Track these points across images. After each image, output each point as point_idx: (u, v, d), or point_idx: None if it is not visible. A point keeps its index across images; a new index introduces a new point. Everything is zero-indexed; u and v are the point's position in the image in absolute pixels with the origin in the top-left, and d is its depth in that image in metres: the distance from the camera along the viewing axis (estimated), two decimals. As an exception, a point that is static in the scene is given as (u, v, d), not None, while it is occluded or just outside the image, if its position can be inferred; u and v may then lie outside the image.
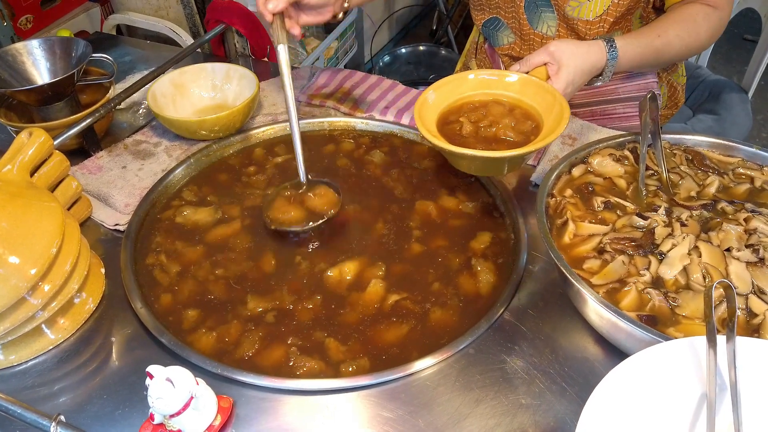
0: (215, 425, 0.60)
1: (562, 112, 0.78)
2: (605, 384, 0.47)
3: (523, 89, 0.85)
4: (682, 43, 0.89)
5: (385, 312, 0.75)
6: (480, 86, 0.87)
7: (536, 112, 0.83)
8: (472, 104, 0.86)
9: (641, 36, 0.89)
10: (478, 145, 0.80)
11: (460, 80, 0.87)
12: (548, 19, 1.03)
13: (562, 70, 0.84)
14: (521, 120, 0.82)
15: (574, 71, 0.84)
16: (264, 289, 0.78)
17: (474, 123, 0.84)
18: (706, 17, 0.90)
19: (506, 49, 1.13)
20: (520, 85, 0.85)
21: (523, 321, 0.72)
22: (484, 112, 0.85)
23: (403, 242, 0.84)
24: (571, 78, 0.84)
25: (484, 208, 0.90)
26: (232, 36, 1.27)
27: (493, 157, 0.75)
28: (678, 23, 0.90)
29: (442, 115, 0.85)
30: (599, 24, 0.99)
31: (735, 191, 0.74)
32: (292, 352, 0.69)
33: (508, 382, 0.66)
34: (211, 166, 0.98)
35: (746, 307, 0.59)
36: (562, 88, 0.83)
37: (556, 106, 0.80)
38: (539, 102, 0.83)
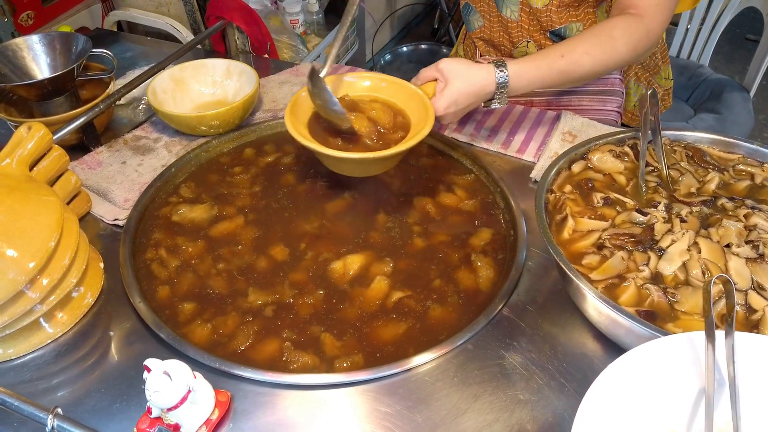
0: (212, 419, 0.60)
1: (423, 128, 0.81)
2: (603, 378, 0.47)
3: (407, 100, 0.88)
4: (594, 60, 0.85)
5: (387, 309, 0.75)
6: (368, 89, 0.91)
7: (409, 123, 0.87)
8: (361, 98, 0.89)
9: (542, 57, 0.86)
10: (338, 145, 0.83)
11: (344, 80, 0.90)
12: (511, 3, 1.03)
13: (446, 89, 0.85)
14: (395, 127, 0.86)
15: (458, 92, 0.85)
16: (266, 282, 0.78)
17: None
18: (626, 29, 0.85)
19: (478, 33, 1.14)
20: (405, 95, 0.89)
21: (521, 317, 0.72)
22: (362, 108, 0.87)
23: (406, 237, 0.84)
24: (455, 98, 0.85)
25: (484, 204, 0.90)
26: (232, 32, 1.27)
27: (352, 159, 0.78)
28: (590, 39, 0.86)
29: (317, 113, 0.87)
30: (546, 13, 0.99)
31: (735, 188, 0.73)
32: (286, 347, 0.69)
33: (507, 377, 0.66)
34: (210, 161, 0.98)
35: (745, 303, 0.59)
36: (444, 106, 0.84)
37: (423, 121, 0.83)
38: (415, 114, 0.87)
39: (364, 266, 0.80)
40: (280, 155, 0.99)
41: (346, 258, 0.80)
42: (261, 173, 0.95)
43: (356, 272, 0.79)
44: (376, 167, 0.86)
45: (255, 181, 0.93)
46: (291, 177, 0.94)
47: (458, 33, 3.07)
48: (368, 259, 0.80)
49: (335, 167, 0.87)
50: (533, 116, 1.06)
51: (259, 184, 0.92)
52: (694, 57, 1.79)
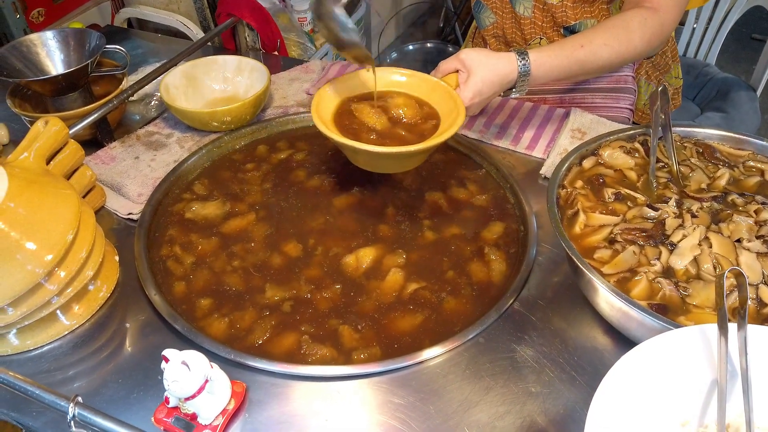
0: (229, 409, 0.60)
1: (456, 119, 0.80)
2: (617, 370, 0.48)
3: (431, 93, 0.87)
4: (612, 51, 0.86)
5: (404, 300, 0.75)
6: (389, 84, 0.89)
7: (437, 115, 0.85)
8: (381, 94, 0.88)
9: (561, 47, 0.87)
10: (373, 140, 0.80)
11: (366, 75, 0.88)
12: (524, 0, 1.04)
13: (470, 79, 0.84)
14: (424, 119, 0.84)
15: (482, 81, 0.84)
16: (283, 278, 0.78)
17: (374, 115, 0.84)
18: (642, 23, 0.87)
19: (490, 30, 1.15)
20: (428, 88, 0.87)
21: (532, 311, 0.73)
22: (386, 104, 0.86)
23: (416, 230, 0.85)
24: (479, 88, 0.84)
25: (495, 200, 0.90)
26: (242, 29, 1.27)
27: (383, 153, 0.76)
28: (608, 30, 0.87)
29: (341, 106, 0.86)
30: (561, 9, 0.99)
31: (745, 184, 0.74)
32: (304, 340, 0.70)
33: (518, 370, 0.66)
34: (222, 157, 0.99)
35: (756, 297, 0.59)
36: (469, 98, 0.84)
37: (454, 112, 0.81)
38: (441, 107, 0.85)
39: (376, 259, 0.80)
40: (293, 152, 0.99)
41: (358, 252, 0.81)
42: (272, 170, 0.96)
43: (369, 265, 0.80)
44: (412, 161, 0.84)
45: (266, 177, 0.94)
46: (302, 173, 0.95)
47: (465, 31, 3.07)
48: (380, 252, 0.81)
49: (368, 164, 0.85)
50: (542, 113, 1.06)
51: (270, 180, 0.93)
52: (701, 56, 1.79)
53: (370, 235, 0.84)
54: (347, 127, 0.83)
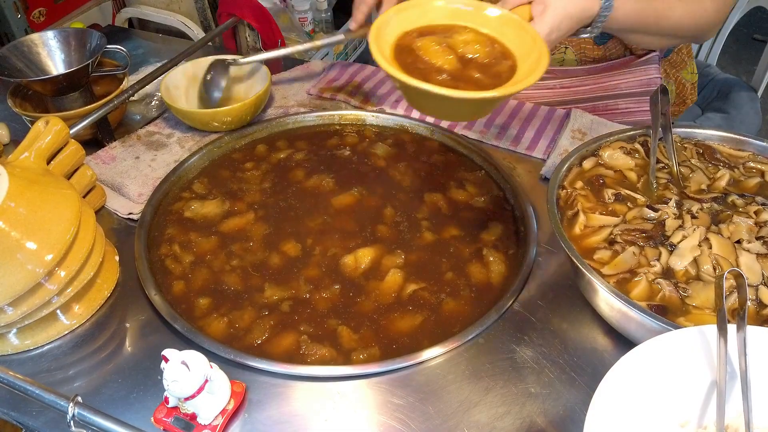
0: (228, 409, 0.60)
1: (540, 59, 0.68)
2: (616, 370, 0.48)
3: (501, 27, 0.74)
4: (686, 9, 0.83)
5: (403, 301, 0.75)
6: (451, 16, 0.76)
7: (512, 55, 0.73)
8: (442, 28, 0.75)
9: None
10: (443, 82, 0.68)
11: (425, 5, 0.76)
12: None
13: (548, 12, 0.74)
14: (498, 59, 0.72)
15: (562, 15, 0.75)
16: (282, 278, 0.78)
17: (441, 53, 0.72)
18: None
19: None
20: (498, 22, 0.74)
21: (532, 312, 0.73)
22: (453, 41, 0.73)
23: (415, 231, 0.85)
24: (557, 22, 0.75)
25: (495, 200, 0.90)
26: (243, 29, 1.28)
27: (456, 98, 0.64)
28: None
29: (402, 39, 0.73)
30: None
31: (745, 185, 0.74)
32: (303, 340, 0.70)
33: (518, 371, 0.66)
34: (222, 156, 0.99)
35: (756, 298, 0.59)
36: (546, 33, 0.74)
37: (535, 52, 0.70)
38: (517, 45, 0.73)
39: (375, 259, 0.80)
40: (292, 151, 1.00)
41: (356, 252, 0.81)
42: (272, 169, 0.96)
43: (368, 266, 0.80)
44: (487, 108, 0.74)
45: (265, 177, 0.94)
46: (301, 173, 0.95)
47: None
48: (379, 253, 0.81)
49: (435, 110, 0.75)
50: (543, 114, 1.06)
51: (269, 180, 0.93)
52: (702, 56, 1.79)
53: (368, 236, 0.84)
54: (410, 66, 0.70)
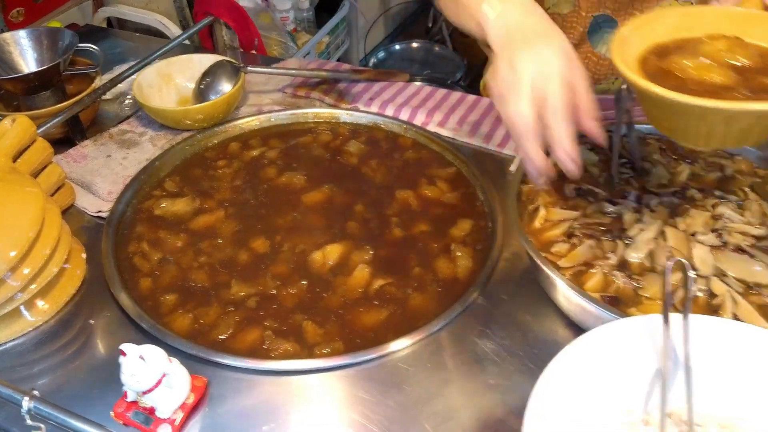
0: (188, 403, 0.61)
1: None
2: (560, 359, 0.48)
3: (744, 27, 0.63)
4: None
5: (369, 296, 0.76)
6: (687, 27, 0.65)
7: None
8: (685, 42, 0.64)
9: None
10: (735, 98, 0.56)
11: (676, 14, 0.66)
12: None
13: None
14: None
15: None
16: (249, 274, 0.79)
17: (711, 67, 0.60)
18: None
19: None
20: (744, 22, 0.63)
21: (496, 305, 0.74)
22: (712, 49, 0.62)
23: (384, 227, 0.85)
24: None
25: (465, 197, 0.91)
26: (219, 28, 1.28)
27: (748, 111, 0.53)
28: None
29: (648, 54, 0.63)
30: None
31: (706, 179, 0.75)
32: (267, 335, 0.71)
33: (479, 363, 0.67)
34: (194, 155, 0.99)
35: (708, 289, 0.60)
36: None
37: None
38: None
39: (343, 255, 0.81)
40: (265, 149, 1.00)
41: (325, 248, 0.81)
42: (244, 167, 0.96)
43: (336, 261, 0.80)
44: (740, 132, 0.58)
45: (237, 175, 0.94)
46: (272, 171, 0.95)
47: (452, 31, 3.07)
48: (347, 249, 0.82)
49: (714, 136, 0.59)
50: (515, 111, 1.07)
51: (241, 178, 0.94)
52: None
53: (337, 232, 0.85)
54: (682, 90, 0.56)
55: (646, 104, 0.61)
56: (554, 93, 0.57)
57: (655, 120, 0.63)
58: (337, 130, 1.04)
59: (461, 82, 2.55)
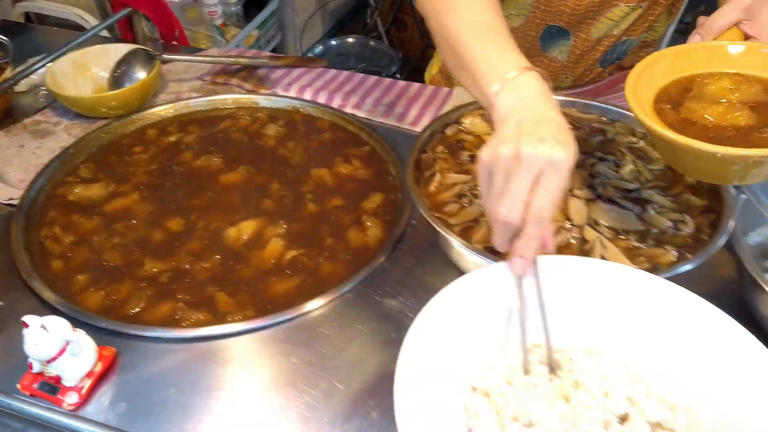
0: (95, 371, 0.62)
1: None
2: (434, 301, 0.53)
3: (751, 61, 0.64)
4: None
5: (282, 266, 0.79)
6: (689, 66, 0.66)
7: None
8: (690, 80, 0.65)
9: None
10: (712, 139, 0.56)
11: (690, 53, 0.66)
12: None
13: (765, 16, 0.65)
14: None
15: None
16: (163, 252, 0.80)
17: (727, 109, 0.61)
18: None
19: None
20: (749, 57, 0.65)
21: (401, 268, 0.78)
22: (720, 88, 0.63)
23: (299, 203, 0.88)
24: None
25: (378, 173, 0.95)
26: (139, 20, 1.28)
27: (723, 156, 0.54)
28: None
29: (665, 90, 0.65)
30: None
31: (589, 143, 0.81)
32: (179, 307, 0.73)
33: (383, 320, 0.71)
34: (110, 142, 0.99)
35: (581, 236, 0.66)
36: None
37: None
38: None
39: (257, 230, 0.84)
40: (182, 135, 1.01)
41: (239, 224, 0.84)
42: (160, 153, 0.97)
43: (250, 236, 0.83)
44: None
45: (153, 160, 0.96)
46: (189, 155, 0.97)
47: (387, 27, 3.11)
48: (262, 224, 0.84)
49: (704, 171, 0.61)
50: (428, 93, 1.12)
51: (157, 162, 0.95)
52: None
53: (252, 210, 0.87)
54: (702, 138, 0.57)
55: (669, 152, 0.61)
56: (549, 202, 0.51)
57: (683, 167, 0.63)
58: (256, 115, 1.07)
59: (396, 75, 2.61)
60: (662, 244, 0.66)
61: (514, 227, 0.51)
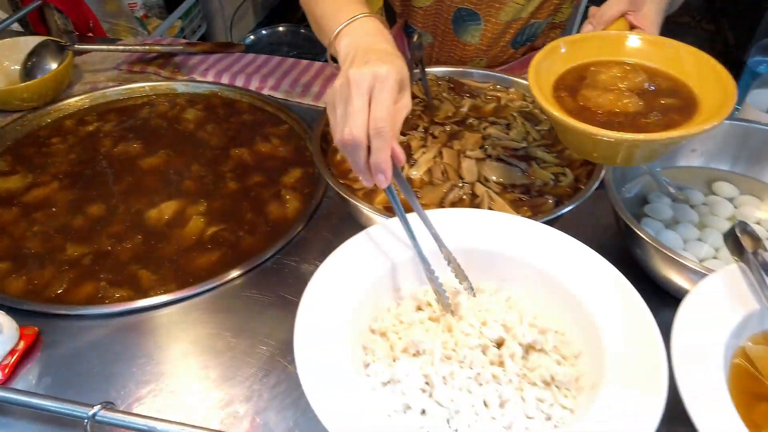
0: (18, 349, 0.65)
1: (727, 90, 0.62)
2: (330, 259, 0.59)
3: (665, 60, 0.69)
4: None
5: (203, 242, 0.82)
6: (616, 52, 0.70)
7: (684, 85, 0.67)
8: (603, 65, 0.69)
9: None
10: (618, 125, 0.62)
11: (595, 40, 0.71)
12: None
13: (648, 15, 0.70)
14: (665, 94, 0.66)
15: (657, 10, 0.71)
16: (84, 236, 0.82)
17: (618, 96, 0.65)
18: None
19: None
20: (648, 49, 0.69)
21: (318, 236, 0.83)
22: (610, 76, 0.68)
23: (219, 182, 0.92)
24: (660, 19, 0.71)
25: (296, 150, 0.99)
26: (51, 13, 1.27)
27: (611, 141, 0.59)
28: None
29: (562, 78, 0.69)
30: None
31: (485, 109, 0.88)
32: (102, 287, 0.75)
33: (300, 284, 0.73)
34: (27, 134, 1.00)
35: (472, 192, 0.73)
36: (658, 32, 0.70)
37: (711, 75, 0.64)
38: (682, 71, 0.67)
39: (179, 210, 0.87)
40: (101, 124, 1.03)
41: (160, 206, 0.87)
42: (79, 142, 0.99)
43: (171, 216, 0.86)
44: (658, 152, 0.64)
45: (72, 149, 0.97)
46: (109, 142, 0.98)
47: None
48: (183, 204, 0.87)
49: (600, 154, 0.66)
50: (345, 72, 1.16)
51: (76, 152, 0.96)
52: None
53: (173, 191, 0.90)
54: (577, 108, 0.65)
55: (570, 138, 0.67)
56: (383, 112, 0.55)
57: (577, 149, 0.70)
58: (174, 101, 1.09)
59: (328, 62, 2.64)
60: (544, 194, 0.73)
61: (361, 146, 0.55)
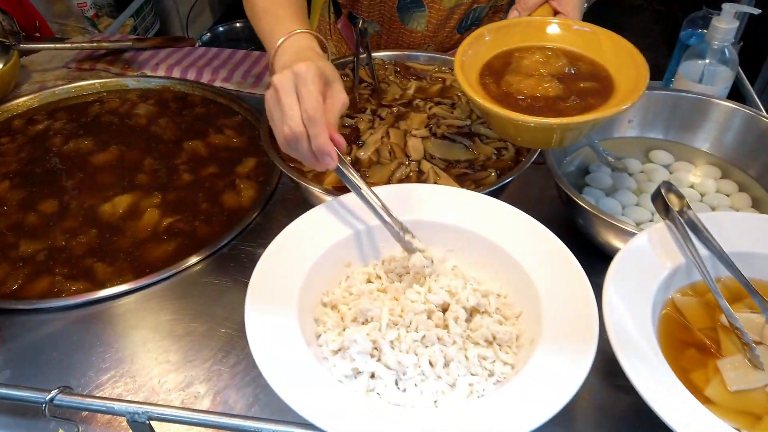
0: (-26, 345, 0.65)
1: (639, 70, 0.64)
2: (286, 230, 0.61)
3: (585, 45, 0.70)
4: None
5: (159, 233, 0.83)
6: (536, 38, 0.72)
7: (602, 68, 0.68)
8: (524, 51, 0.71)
9: None
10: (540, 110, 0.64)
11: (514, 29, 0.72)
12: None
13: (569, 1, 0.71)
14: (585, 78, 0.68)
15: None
16: (37, 233, 0.82)
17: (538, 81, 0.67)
18: None
19: None
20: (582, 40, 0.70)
21: (274, 221, 0.85)
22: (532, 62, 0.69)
23: (173, 175, 0.92)
24: (582, 3, 0.73)
25: (250, 140, 1.00)
26: (-6, 14, 1.24)
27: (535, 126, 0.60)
28: None
29: (488, 65, 0.70)
30: None
31: (430, 90, 0.91)
32: (57, 281, 0.76)
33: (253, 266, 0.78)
34: (-26, 136, 0.99)
35: (418, 169, 0.76)
36: (579, 19, 0.72)
37: (627, 59, 0.66)
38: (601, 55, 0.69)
39: (133, 203, 0.87)
40: (51, 122, 1.02)
41: (113, 200, 0.87)
42: (29, 141, 0.98)
43: (126, 209, 0.86)
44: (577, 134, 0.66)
45: (22, 148, 0.96)
46: (59, 140, 0.98)
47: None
48: (137, 197, 0.88)
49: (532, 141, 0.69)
50: (297, 62, 1.18)
51: (26, 150, 0.96)
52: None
53: (127, 185, 0.90)
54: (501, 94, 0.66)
55: (495, 123, 0.69)
56: (312, 102, 0.60)
57: (502, 134, 0.73)
58: (125, 97, 1.09)
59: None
60: (487, 168, 0.76)
61: (301, 137, 0.61)
